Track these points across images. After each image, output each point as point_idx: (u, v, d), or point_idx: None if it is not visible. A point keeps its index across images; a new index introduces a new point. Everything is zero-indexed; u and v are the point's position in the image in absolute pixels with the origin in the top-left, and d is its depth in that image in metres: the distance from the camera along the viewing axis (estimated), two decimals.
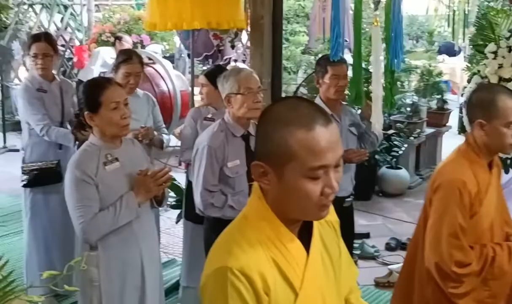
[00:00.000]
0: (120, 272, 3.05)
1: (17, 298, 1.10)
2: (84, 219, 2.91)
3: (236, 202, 3.43)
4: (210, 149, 3.44)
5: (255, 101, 3.45)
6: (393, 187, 7.61)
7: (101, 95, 2.98)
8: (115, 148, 3.06)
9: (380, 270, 5.43)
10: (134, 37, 10.19)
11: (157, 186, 3.05)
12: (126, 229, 3.01)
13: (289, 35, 10.91)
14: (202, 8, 4.71)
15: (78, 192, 2.93)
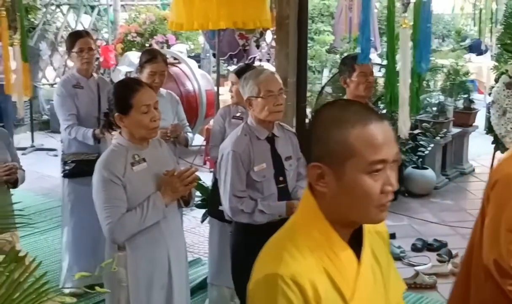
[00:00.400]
0: (148, 272, 3.07)
1: (50, 300, 1.11)
2: (111, 219, 2.93)
3: (266, 207, 3.40)
4: (235, 155, 3.39)
5: (276, 104, 3.39)
6: (419, 187, 7.55)
7: (132, 97, 3.00)
8: (143, 149, 3.07)
9: (406, 271, 5.39)
10: (159, 37, 10.27)
11: (184, 186, 3.05)
12: (153, 229, 3.03)
13: (313, 34, 10.90)
14: (228, 8, 4.73)
15: (106, 192, 2.95)
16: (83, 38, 4.81)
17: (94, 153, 4.79)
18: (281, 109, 3.43)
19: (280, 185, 3.49)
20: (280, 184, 3.49)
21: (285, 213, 3.39)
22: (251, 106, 3.42)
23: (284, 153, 3.53)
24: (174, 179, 3.04)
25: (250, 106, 3.43)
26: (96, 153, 4.83)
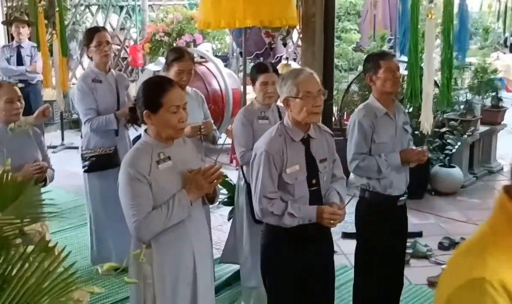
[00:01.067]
0: (173, 269, 3.08)
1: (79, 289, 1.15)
2: (137, 218, 2.94)
3: (296, 210, 3.33)
4: (268, 155, 3.33)
5: (315, 105, 3.29)
6: (446, 185, 7.51)
7: (163, 96, 2.99)
8: (168, 147, 3.07)
9: (433, 269, 5.37)
10: (187, 37, 10.33)
11: (209, 183, 3.05)
12: (179, 227, 3.03)
13: (340, 32, 10.88)
14: (254, 6, 4.78)
15: (132, 190, 2.96)
16: (100, 32, 4.97)
17: (111, 146, 5.00)
18: (320, 111, 3.35)
19: (312, 188, 3.43)
20: (312, 187, 3.43)
21: (315, 218, 3.34)
22: (288, 106, 3.34)
23: (319, 155, 3.46)
24: (199, 176, 3.04)
25: (287, 107, 3.34)
26: (114, 146, 5.01)
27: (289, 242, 3.40)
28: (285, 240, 3.41)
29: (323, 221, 3.35)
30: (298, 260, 3.43)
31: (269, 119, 4.46)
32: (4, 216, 1.06)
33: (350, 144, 4.16)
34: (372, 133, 4.05)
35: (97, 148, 5.03)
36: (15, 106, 4.12)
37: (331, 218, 3.34)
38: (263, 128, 4.46)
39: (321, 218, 3.34)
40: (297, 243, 3.40)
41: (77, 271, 1.09)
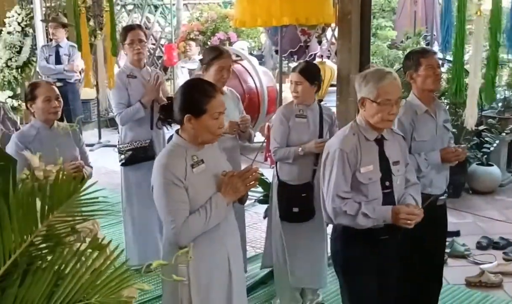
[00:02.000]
0: (208, 270, 3.08)
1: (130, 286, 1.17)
2: (176, 224, 2.92)
3: (370, 210, 3.24)
4: (342, 153, 3.25)
5: (391, 113, 3.23)
6: (483, 184, 7.41)
7: (207, 103, 2.98)
8: (200, 150, 3.07)
9: (471, 269, 5.31)
10: (221, 35, 10.38)
11: (245, 186, 3.05)
12: (213, 228, 3.02)
13: (375, 30, 10.80)
14: (291, 4, 4.76)
15: (169, 195, 2.93)
16: (134, 30, 5.05)
17: (147, 139, 5.09)
18: (394, 118, 3.32)
19: (385, 190, 3.34)
20: (385, 189, 3.34)
21: (390, 218, 3.24)
22: (363, 106, 3.26)
23: (392, 157, 3.37)
24: (235, 178, 3.02)
25: (362, 106, 3.27)
26: (149, 139, 5.11)
27: (363, 243, 3.33)
28: (358, 240, 3.33)
29: (399, 222, 3.24)
30: (373, 259, 3.36)
31: (308, 118, 4.46)
32: (59, 213, 1.09)
33: None
34: (412, 131, 4.02)
35: (133, 141, 5.14)
36: (53, 105, 4.17)
37: (408, 218, 3.23)
38: (300, 126, 4.48)
39: (397, 219, 3.23)
40: (370, 244, 3.33)
41: (129, 269, 1.11)
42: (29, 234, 1.10)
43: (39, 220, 1.08)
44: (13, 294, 1.12)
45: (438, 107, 4.21)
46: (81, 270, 1.11)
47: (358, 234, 3.30)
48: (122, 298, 1.17)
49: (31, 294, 1.12)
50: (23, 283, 1.13)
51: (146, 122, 5.17)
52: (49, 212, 1.08)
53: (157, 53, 11.91)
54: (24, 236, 1.10)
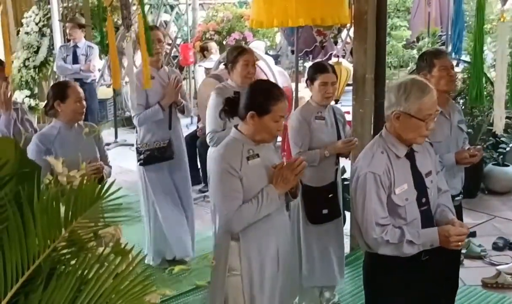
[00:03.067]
0: (259, 261, 3.22)
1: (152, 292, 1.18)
2: (229, 210, 3.08)
3: (415, 236, 2.99)
4: (375, 177, 2.98)
5: (429, 128, 3.02)
6: (500, 184, 7.37)
7: (273, 105, 3.12)
8: (256, 145, 3.21)
9: (487, 270, 5.29)
10: (237, 35, 10.39)
11: (294, 176, 3.17)
12: (264, 220, 3.17)
13: (389, 29, 10.76)
14: (307, 4, 4.78)
15: (224, 184, 3.11)
16: (152, 31, 5.02)
17: (165, 139, 5.13)
18: (429, 134, 3.10)
19: (422, 208, 3.10)
20: (422, 207, 3.11)
21: (438, 241, 3.00)
22: (397, 120, 2.99)
23: (424, 169, 3.15)
24: (285, 170, 3.17)
25: (396, 120, 2.99)
26: (167, 139, 5.15)
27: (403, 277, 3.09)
28: (398, 265, 3.05)
29: (450, 245, 3.00)
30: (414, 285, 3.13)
31: (326, 120, 4.46)
32: (82, 219, 1.11)
33: None
34: None
35: (152, 141, 5.19)
36: (82, 106, 4.23)
37: (459, 240, 3.00)
38: (321, 128, 4.46)
39: (447, 242, 2.99)
40: (411, 267, 3.07)
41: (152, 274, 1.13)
42: (52, 239, 1.12)
43: (63, 226, 1.10)
44: (37, 298, 1.14)
45: (452, 108, 4.20)
46: (104, 275, 1.13)
47: (397, 258, 3.04)
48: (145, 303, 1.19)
49: (54, 298, 1.14)
50: (46, 287, 1.16)
51: (164, 123, 5.23)
52: (73, 218, 1.10)
53: (173, 53, 11.94)
54: (47, 241, 1.12)
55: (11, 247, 1.11)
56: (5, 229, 1.11)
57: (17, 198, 1.08)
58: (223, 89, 4.78)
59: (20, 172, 1.05)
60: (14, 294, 1.13)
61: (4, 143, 1.02)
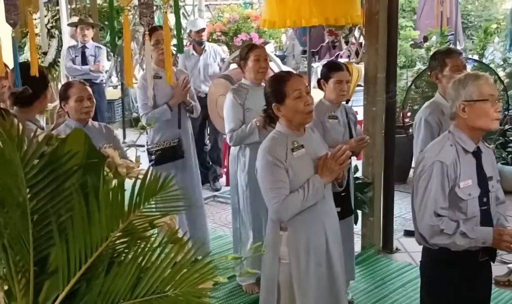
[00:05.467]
0: (307, 249, 3.31)
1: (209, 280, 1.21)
2: (277, 200, 3.18)
3: (469, 230, 3.00)
4: (442, 166, 3.01)
5: (498, 110, 3.04)
6: (509, 183, 7.31)
7: (285, 86, 3.25)
8: (300, 136, 3.31)
9: (499, 268, 5.26)
10: (243, 35, 10.41)
11: (339, 165, 3.25)
12: (311, 210, 3.26)
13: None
14: (320, 4, 4.81)
15: (271, 175, 3.21)
16: (158, 31, 5.06)
17: (175, 139, 5.16)
18: (499, 117, 3.10)
19: (483, 207, 3.10)
20: (483, 206, 3.10)
21: (491, 240, 3.02)
22: (464, 112, 3.02)
23: (488, 172, 3.14)
24: (330, 160, 3.25)
25: (463, 112, 3.02)
26: (177, 138, 5.17)
27: (462, 272, 3.12)
28: (456, 264, 3.10)
29: (501, 245, 3.04)
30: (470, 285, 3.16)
31: (338, 119, 4.49)
32: (145, 209, 1.14)
33: (417, 142, 4.15)
34: (439, 131, 4.03)
35: (162, 141, 5.21)
36: (85, 105, 4.22)
37: None
38: (334, 127, 4.50)
39: (499, 241, 3.02)
40: (468, 267, 3.12)
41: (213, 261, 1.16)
42: (115, 229, 1.15)
43: (126, 216, 1.13)
44: (98, 285, 1.18)
45: None
46: (163, 264, 1.16)
47: (456, 257, 3.07)
48: (198, 289, 1.22)
49: (115, 285, 1.18)
50: (107, 275, 1.19)
51: (174, 122, 5.25)
52: (135, 208, 1.13)
53: None
54: (110, 231, 1.15)
55: (75, 236, 1.15)
56: (70, 218, 1.14)
57: (82, 187, 1.11)
58: (239, 89, 4.84)
59: (87, 162, 1.08)
60: (76, 281, 1.17)
61: (76, 135, 1.06)
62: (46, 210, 1.12)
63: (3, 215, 1.15)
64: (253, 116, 4.71)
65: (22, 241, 1.16)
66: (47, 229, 1.15)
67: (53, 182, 1.10)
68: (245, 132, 4.69)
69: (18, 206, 1.13)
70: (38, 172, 1.09)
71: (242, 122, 4.74)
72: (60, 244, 1.15)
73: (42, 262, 1.17)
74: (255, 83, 4.80)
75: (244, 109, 4.75)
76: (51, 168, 1.08)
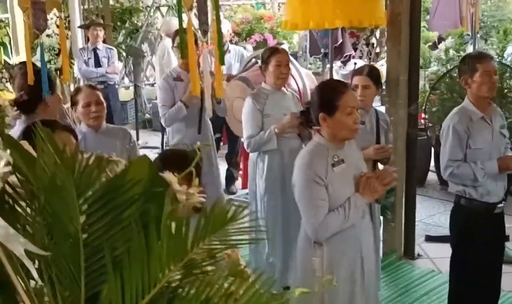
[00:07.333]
0: (342, 265, 3.17)
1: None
2: (315, 219, 3.05)
3: None
4: None
5: None
6: None
7: (339, 99, 3.07)
8: (340, 149, 3.16)
9: None
10: (257, 36, 10.32)
11: (383, 186, 3.11)
12: (349, 226, 3.12)
13: None
14: (344, 6, 4.70)
15: (311, 193, 3.06)
16: None
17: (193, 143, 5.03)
18: None
19: None
20: None
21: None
22: None
23: None
24: (373, 179, 3.10)
25: None
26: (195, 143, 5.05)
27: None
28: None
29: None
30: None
31: (366, 124, 4.36)
32: (208, 242, 1.02)
33: (444, 150, 4.02)
34: (468, 139, 3.92)
35: (179, 144, 5.16)
36: (91, 110, 4.12)
37: None
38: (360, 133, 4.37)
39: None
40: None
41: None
42: (176, 263, 1.04)
43: (189, 249, 1.02)
44: None
45: (494, 112, 4.08)
46: (229, 301, 1.04)
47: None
48: None
49: None
50: None
51: (193, 125, 5.18)
52: (199, 241, 1.02)
53: None
54: (171, 265, 1.04)
55: (131, 271, 1.03)
56: (127, 252, 1.03)
57: (142, 218, 1.00)
58: (258, 94, 4.77)
59: (150, 191, 0.97)
60: None
61: (139, 162, 0.94)
62: (100, 242, 1.01)
63: (51, 246, 1.03)
64: (272, 122, 4.63)
65: (72, 276, 1.05)
66: (101, 263, 1.04)
67: (110, 211, 0.99)
68: (263, 139, 4.61)
69: (69, 236, 1.02)
70: (94, 201, 0.97)
71: (260, 128, 4.66)
72: (115, 279, 1.03)
73: (93, 299, 1.06)
74: (275, 88, 4.71)
75: (263, 115, 4.67)
76: (109, 197, 0.97)
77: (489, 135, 3.99)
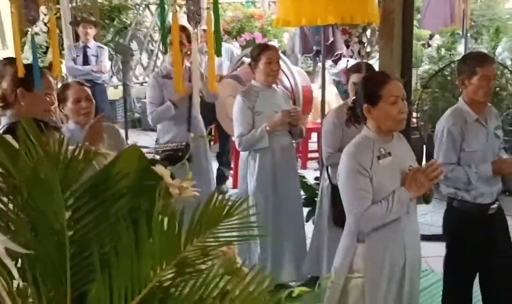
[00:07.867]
0: (384, 265, 3.11)
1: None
2: (358, 210, 3.01)
3: None
4: None
5: None
6: None
7: (382, 89, 3.04)
8: (388, 143, 3.12)
9: None
10: (247, 35, 10.27)
11: (429, 181, 3.04)
12: (393, 224, 3.06)
13: None
14: (336, 2, 4.62)
15: (354, 183, 3.03)
16: None
17: (183, 141, 5.03)
18: None
19: None
20: None
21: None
22: None
23: None
24: (419, 173, 3.04)
25: None
26: (185, 141, 5.02)
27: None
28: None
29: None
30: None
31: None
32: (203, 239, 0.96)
33: (438, 153, 3.96)
34: (462, 141, 3.86)
35: (169, 143, 5.09)
36: (82, 106, 4.04)
37: None
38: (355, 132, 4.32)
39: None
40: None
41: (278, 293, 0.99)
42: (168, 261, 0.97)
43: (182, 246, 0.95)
44: None
45: (489, 113, 4.00)
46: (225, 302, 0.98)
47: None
48: None
49: None
50: None
51: (183, 124, 5.11)
52: (193, 237, 0.95)
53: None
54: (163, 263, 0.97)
55: (120, 270, 0.97)
56: (115, 249, 0.96)
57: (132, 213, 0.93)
58: (249, 92, 4.73)
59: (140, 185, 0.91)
60: None
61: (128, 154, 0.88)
62: (87, 239, 0.94)
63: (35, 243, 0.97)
64: (263, 120, 4.59)
65: (58, 275, 0.98)
66: (88, 261, 0.97)
67: (97, 207, 0.92)
68: (255, 137, 4.57)
69: (54, 233, 0.96)
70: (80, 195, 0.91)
71: (251, 126, 4.62)
72: (103, 278, 0.97)
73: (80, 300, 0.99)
74: (266, 85, 4.68)
75: (254, 112, 4.63)
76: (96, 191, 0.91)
77: (483, 137, 3.91)
